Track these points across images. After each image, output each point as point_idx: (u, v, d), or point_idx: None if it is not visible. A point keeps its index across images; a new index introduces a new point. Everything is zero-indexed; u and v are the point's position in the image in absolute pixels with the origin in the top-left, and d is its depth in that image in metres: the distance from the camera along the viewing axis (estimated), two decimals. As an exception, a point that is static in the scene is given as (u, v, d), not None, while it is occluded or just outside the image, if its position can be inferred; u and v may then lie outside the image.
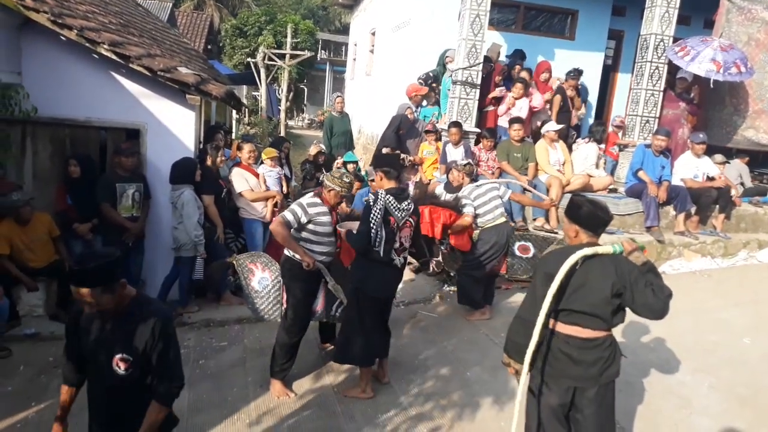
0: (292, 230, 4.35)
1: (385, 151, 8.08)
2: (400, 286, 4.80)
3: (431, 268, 6.92)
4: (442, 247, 6.14)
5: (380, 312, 4.47)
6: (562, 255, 2.99)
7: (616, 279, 2.90)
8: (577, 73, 8.90)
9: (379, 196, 4.25)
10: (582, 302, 2.96)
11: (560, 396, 3.09)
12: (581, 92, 9.30)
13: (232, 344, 5.47)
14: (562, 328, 3.05)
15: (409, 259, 5.22)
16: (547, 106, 8.82)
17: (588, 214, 3.07)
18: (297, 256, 4.36)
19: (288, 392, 4.51)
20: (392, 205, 4.24)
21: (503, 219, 5.93)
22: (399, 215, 4.27)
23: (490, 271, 5.98)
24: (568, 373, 3.04)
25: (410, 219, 4.36)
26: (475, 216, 5.83)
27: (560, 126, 8.01)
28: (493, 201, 5.89)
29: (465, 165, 6.19)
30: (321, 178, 4.99)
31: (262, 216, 6.38)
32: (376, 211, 4.19)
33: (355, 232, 4.31)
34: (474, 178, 6.16)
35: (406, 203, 4.33)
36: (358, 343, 4.40)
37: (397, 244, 4.30)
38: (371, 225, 4.17)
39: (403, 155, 8.28)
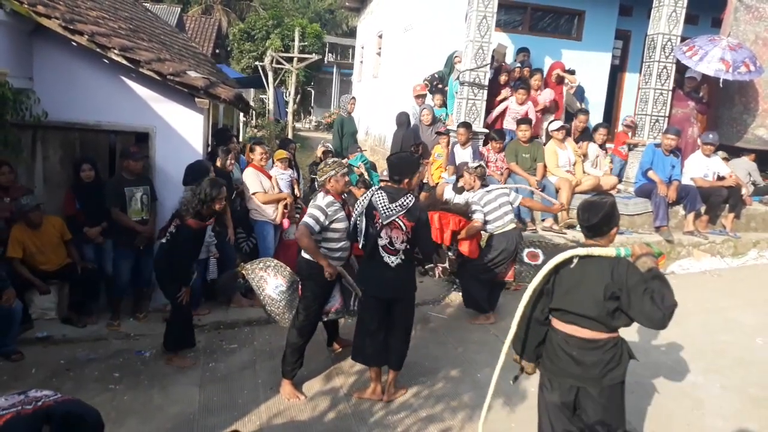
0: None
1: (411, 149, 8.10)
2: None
3: (437, 275, 6.89)
4: (450, 253, 6.10)
5: (384, 314, 4.36)
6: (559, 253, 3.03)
7: (610, 281, 2.84)
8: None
9: (371, 190, 4.31)
10: (574, 303, 2.95)
11: (562, 394, 3.07)
12: (578, 95, 9.26)
13: (242, 346, 5.49)
14: (561, 326, 3.05)
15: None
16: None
17: (581, 219, 3.09)
18: (330, 257, 4.40)
19: (298, 394, 4.51)
20: (380, 200, 4.18)
21: (513, 225, 5.85)
22: (384, 212, 4.15)
23: (497, 276, 5.92)
24: (570, 372, 3.02)
25: (400, 221, 4.16)
26: (485, 222, 5.78)
27: (560, 124, 7.95)
28: (503, 207, 5.82)
29: (477, 167, 6.06)
30: (315, 181, 4.99)
31: (272, 218, 6.41)
32: (360, 201, 4.26)
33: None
34: (485, 181, 6.10)
35: (398, 204, 4.15)
36: (365, 342, 4.41)
37: (384, 241, 4.20)
38: (354, 215, 4.27)
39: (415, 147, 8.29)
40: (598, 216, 2.99)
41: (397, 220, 4.17)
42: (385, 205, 4.17)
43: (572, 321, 2.99)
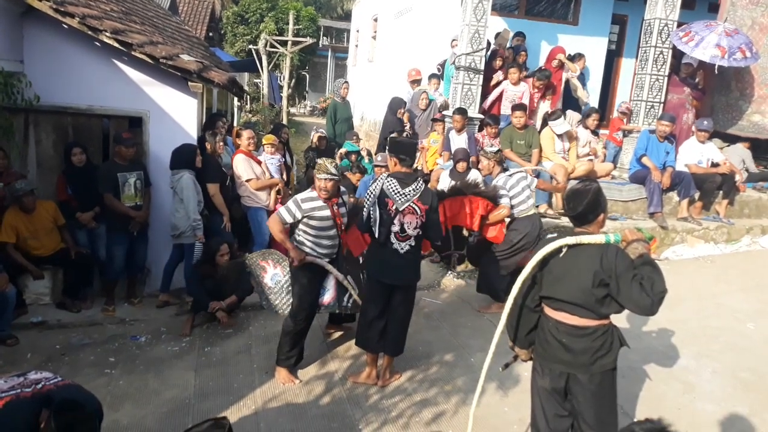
0: (289, 226, 4.42)
1: (392, 136, 7.99)
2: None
3: (453, 263, 6.84)
4: (471, 239, 6.03)
5: (386, 300, 4.38)
6: (550, 242, 3.03)
7: (599, 269, 2.85)
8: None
9: (379, 178, 4.29)
10: (563, 291, 2.97)
11: (553, 380, 3.09)
12: (581, 79, 9.21)
13: (237, 331, 5.50)
14: (551, 313, 3.07)
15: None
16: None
17: (567, 209, 3.09)
18: (304, 246, 4.40)
19: (293, 379, 4.54)
20: (392, 188, 4.18)
21: (534, 209, 5.78)
22: (398, 199, 4.17)
23: (518, 263, 5.73)
24: (560, 358, 3.04)
25: (415, 206, 4.19)
26: (511, 207, 5.70)
27: (567, 129, 7.88)
28: (525, 191, 5.72)
29: (496, 152, 5.97)
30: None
31: (266, 204, 6.40)
32: (370, 191, 4.25)
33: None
34: (505, 167, 6.04)
35: (411, 188, 4.19)
36: (365, 327, 4.44)
37: (396, 228, 4.20)
38: (366, 205, 4.26)
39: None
40: (583, 204, 2.99)
41: (412, 204, 4.19)
42: (398, 191, 4.19)
43: (561, 308, 3.01)
